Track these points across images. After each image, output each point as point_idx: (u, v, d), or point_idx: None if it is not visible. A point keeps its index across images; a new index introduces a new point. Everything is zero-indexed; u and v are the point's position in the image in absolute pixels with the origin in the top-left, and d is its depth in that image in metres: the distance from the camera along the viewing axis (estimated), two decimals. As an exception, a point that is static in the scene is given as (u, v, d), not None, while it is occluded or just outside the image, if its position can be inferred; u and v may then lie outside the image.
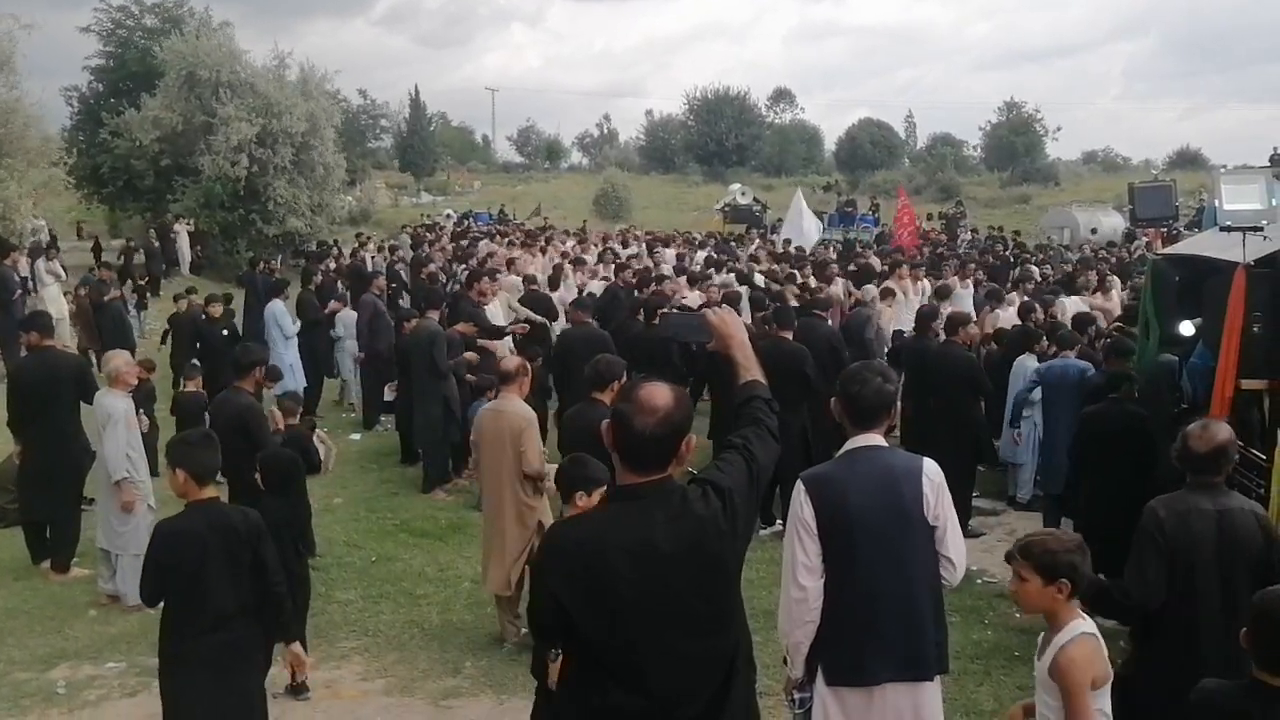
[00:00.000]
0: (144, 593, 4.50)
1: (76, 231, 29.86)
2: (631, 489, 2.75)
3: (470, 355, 10.15)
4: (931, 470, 3.65)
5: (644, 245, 23.50)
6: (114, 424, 7.21)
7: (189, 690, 4.29)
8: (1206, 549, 4.06)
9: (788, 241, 23.66)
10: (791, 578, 3.61)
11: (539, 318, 12.32)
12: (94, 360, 12.46)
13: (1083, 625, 3.42)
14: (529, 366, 6.89)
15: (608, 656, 2.74)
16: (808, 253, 21.19)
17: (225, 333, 10.01)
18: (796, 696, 3.73)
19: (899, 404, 9.22)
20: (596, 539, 2.71)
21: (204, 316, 12.38)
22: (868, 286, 12.34)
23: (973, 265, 17.71)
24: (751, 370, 3.12)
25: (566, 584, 2.72)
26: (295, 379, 11.87)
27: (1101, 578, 4.39)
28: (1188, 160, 57.64)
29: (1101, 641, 3.48)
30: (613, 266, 17.02)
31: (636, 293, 13.23)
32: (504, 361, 6.83)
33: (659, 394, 2.73)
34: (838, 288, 14.09)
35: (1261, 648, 3.09)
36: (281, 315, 12.61)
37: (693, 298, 13.58)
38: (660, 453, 2.73)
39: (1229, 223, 5.91)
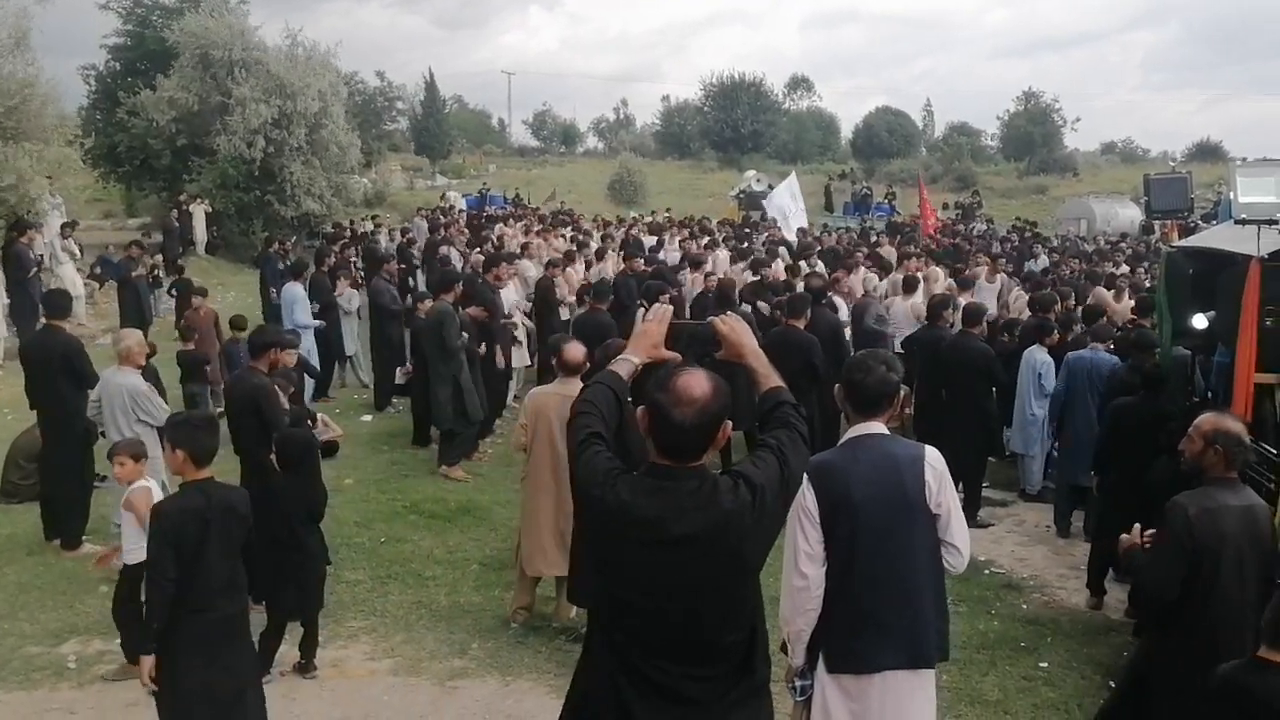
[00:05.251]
0: (158, 580, 4.24)
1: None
2: (665, 469, 2.76)
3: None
4: (934, 458, 3.65)
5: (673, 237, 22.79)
6: (144, 397, 7.35)
7: (182, 669, 4.30)
8: (1231, 546, 4.03)
9: (803, 231, 23.46)
10: (793, 565, 3.61)
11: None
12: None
13: None
14: (591, 357, 6.78)
15: (624, 627, 2.80)
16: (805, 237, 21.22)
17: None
18: (798, 684, 3.74)
19: (911, 394, 9.37)
20: (625, 507, 2.73)
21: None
22: (869, 275, 12.26)
23: (1002, 259, 17.63)
24: (771, 378, 3.09)
25: (602, 541, 2.83)
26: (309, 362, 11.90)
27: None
28: (1207, 152, 57.19)
29: None
30: (619, 254, 16.81)
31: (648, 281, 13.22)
32: (568, 352, 6.74)
33: (696, 383, 2.72)
34: (858, 277, 13.98)
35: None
36: (302, 303, 12.44)
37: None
38: (697, 442, 2.74)
39: (1244, 215, 5.86)
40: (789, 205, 23.57)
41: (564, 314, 13.05)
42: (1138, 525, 4.34)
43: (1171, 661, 4.20)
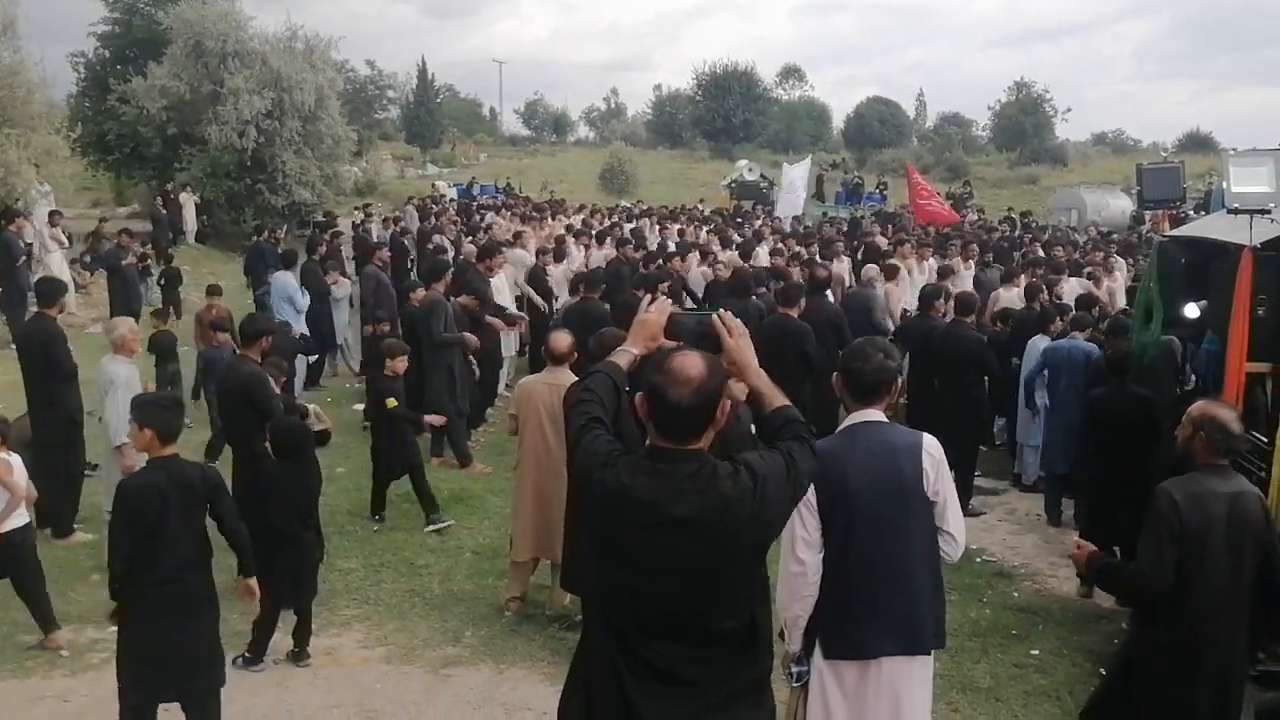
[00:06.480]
0: (116, 553, 4.42)
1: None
2: (664, 452, 2.76)
3: (469, 337, 10.13)
4: (931, 446, 3.65)
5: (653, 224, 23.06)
6: (115, 390, 7.24)
7: (146, 631, 4.45)
8: (1219, 532, 4.03)
9: (796, 220, 23.59)
10: (790, 552, 3.62)
11: (539, 300, 12.51)
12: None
13: None
14: (583, 347, 6.75)
15: (623, 610, 2.80)
16: (800, 226, 21.30)
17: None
18: (794, 670, 3.75)
19: (904, 382, 9.38)
20: (624, 489, 2.73)
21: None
22: (868, 265, 12.24)
23: (974, 246, 17.63)
24: (776, 397, 3.02)
25: (602, 524, 2.81)
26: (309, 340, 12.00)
27: (1109, 558, 4.40)
28: (1198, 143, 57.25)
29: None
30: (612, 242, 16.83)
31: (641, 268, 13.20)
32: (555, 341, 6.72)
33: (691, 364, 2.72)
34: (843, 266, 14.02)
35: None
36: (292, 289, 12.47)
37: (696, 274, 13.55)
38: (695, 423, 2.73)
39: (1236, 205, 5.88)
40: (798, 183, 24.10)
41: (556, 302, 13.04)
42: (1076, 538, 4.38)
43: (1156, 649, 4.21)
